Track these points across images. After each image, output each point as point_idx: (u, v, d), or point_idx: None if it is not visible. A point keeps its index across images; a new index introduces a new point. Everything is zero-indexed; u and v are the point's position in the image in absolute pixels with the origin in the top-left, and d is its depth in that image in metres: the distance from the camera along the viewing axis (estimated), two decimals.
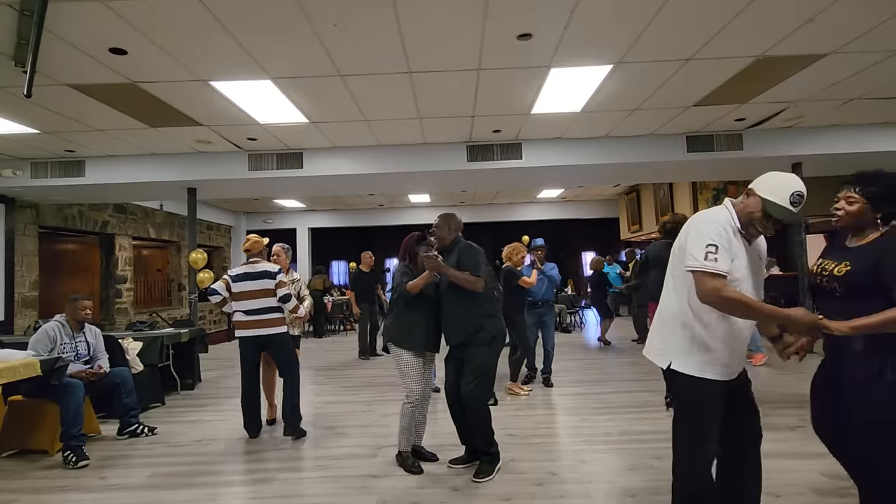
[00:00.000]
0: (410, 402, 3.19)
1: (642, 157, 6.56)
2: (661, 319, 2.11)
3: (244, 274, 4.01)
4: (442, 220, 3.35)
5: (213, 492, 3.06)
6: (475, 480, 3.02)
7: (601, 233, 14.87)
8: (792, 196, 1.88)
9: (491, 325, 3.16)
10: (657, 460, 3.22)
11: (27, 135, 5.58)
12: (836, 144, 6.35)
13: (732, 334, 1.95)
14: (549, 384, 5.40)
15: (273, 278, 3.99)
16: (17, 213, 7.41)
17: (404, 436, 3.23)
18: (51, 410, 3.73)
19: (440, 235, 3.31)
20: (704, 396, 1.94)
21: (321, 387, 5.79)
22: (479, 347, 3.12)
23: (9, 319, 7.16)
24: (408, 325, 3.20)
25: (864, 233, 1.96)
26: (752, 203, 1.95)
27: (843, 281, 1.90)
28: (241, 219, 13.52)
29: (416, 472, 3.15)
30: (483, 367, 3.12)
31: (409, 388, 3.19)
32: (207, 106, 4.96)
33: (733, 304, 1.83)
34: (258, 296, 3.95)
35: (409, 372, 3.19)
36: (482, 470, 3.09)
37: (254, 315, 3.95)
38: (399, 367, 3.23)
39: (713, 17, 3.56)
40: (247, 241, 4.18)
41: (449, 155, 6.62)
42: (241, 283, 3.98)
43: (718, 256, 1.84)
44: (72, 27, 3.40)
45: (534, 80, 4.60)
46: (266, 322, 3.96)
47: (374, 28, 3.57)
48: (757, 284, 2.00)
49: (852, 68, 4.50)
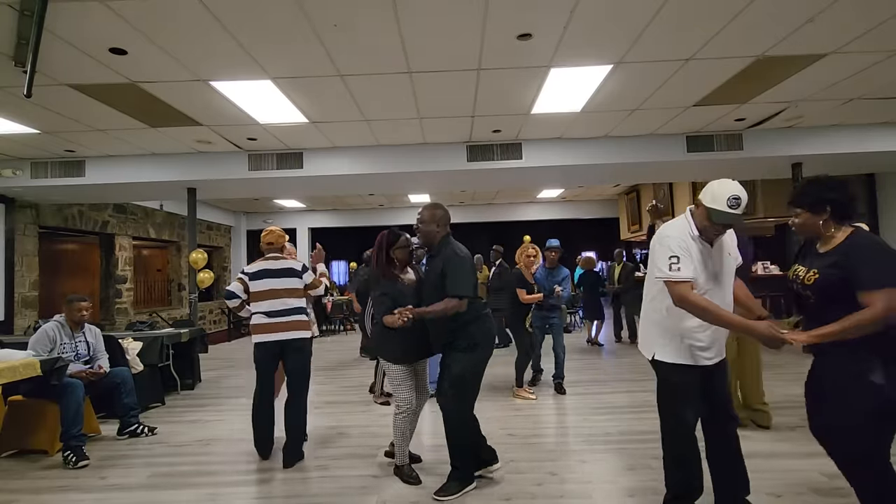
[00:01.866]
0: (402, 412, 3.03)
1: (642, 157, 6.56)
2: (645, 316, 2.45)
3: (263, 271, 3.56)
4: (427, 214, 2.96)
5: (213, 492, 3.06)
6: (434, 497, 2.80)
7: (601, 233, 14.87)
8: (728, 200, 2.11)
9: (472, 329, 2.87)
10: (657, 460, 3.19)
11: (27, 135, 5.58)
12: (836, 144, 6.34)
13: (703, 326, 2.21)
14: (561, 391, 5.09)
15: (300, 277, 3.60)
16: (17, 213, 7.41)
17: (401, 449, 3.08)
18: (51, 410, 3.74)
19: (426, 232, 2.97)
20: (679, 380, 2.28)
21: (321, 387, 5.79)
22: (456, 354, 2.87)
23: (9, 319, 7.16)
24: (392, 338, 2.97)
25: (829, 236, 2.02)
26: (700, 212, 2.23)
27: (815, 289, 1.98)
28: (241, 219, 13.52)
29: (414, 482, 3.01)
30: (460, 376, 2.83)
31: (399, 398, 3.04)
32: (207, 106, 4.96)
33: (696, 310, 2.13)
34: (282, 295, 3.52)
35: (398, 383, 3.04)
36: (446, 487, 2.83)
37: (277, 317, 3.49)
38: (389, 378, 3.09)
39: (713, 17, 3.56)
40: (270, 234, 3.70)
41: (449, 155, 6.62)
42: (260, 282, 3.53)
43: (681, 266, 2.15)
44: (72, 27, 3.40)
45: (534, 80, 4.60)
46: (291, 325, 3.50)
47: (374, 28, 3.57)
48: (724, 280, 2.26)
49: (852, 68, 4.50)
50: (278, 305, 3.50)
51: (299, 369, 3.57)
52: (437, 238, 2.97)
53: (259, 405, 3.56)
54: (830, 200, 1.99)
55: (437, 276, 2.86)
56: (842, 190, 2.02)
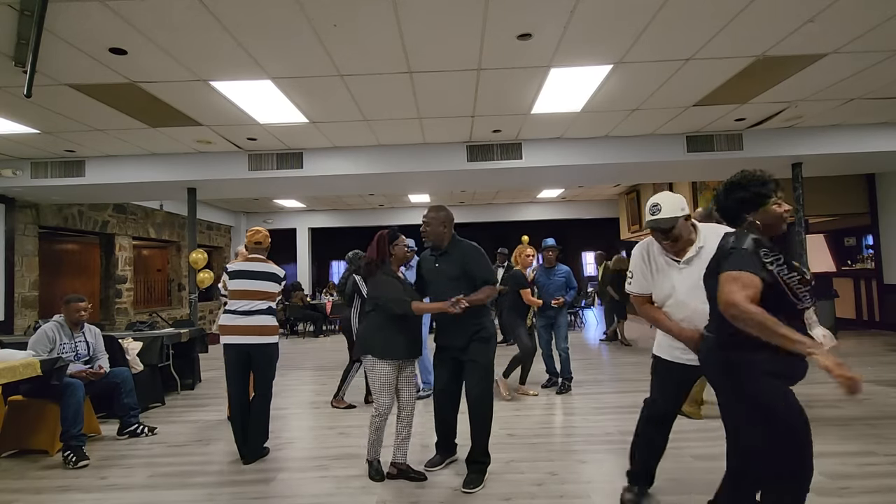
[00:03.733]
0: (379, 414, 3.04)
1: (642, 157, 6.56)
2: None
3: (242, 271, 3.57)
4: (434, 215, 3.09)
5: (213, 492, 3.05)
6: (466, 490, 2.89)
7: (601, 233, 14.89)
8: (649, 208, 2.33)
9: (489, 322, 3.08)
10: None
11: (27, 135, 5.58)
12: (836, 144, 6.34)
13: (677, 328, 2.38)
14: (567, 390, 5.09)
15: (280, 283, 3.63)
16: (17, 213, 7.41)
17: (373, 446, 3.11)
18: (51, 410, 3.74)
19: (435, 233, 3.08)
20: (655, 369, 2.57)
21: (321, 387, 5.79)
22: (480, 345, 3.02)
23: (9, 319, 7.17)
24: (388, 335, 3.00)
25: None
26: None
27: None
28: (241, 219, 13.52)
29: (377, 479, 3.05)
30: (488, 366, 3.05)
31: (378, 401, 3.03)
32: (207, 106, 4.96)
33: (646, 317, 2.49)
34: (252, 297, 3.52)
35: (381, 384, 3.02)
36: (473, 480, 2.95)
37: (243, 318, 3.47)
38: (372, 379, 3.04)
39: (713, 17, 3.56)
40: (257, 233, 3.68)
41: (449, 155, 6.62)
42: (237, 281, 3.55)
43: (632, 281, 2.52)
44: (72, 27, 3.40)
45: (534, 80, 4.60)
46: (257, 329, 3.47)
47: (374, 28, 3.57)
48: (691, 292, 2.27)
49: (852, 68, 4.50)
50: (246, 306, 3.49)
51: (267, 374, 3.57)
52: (445, 238, 3.11)
53: (234, 405, 3.55)
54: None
55: (457, 271, 3.04)
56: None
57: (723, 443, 2.14)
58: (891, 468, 3.03)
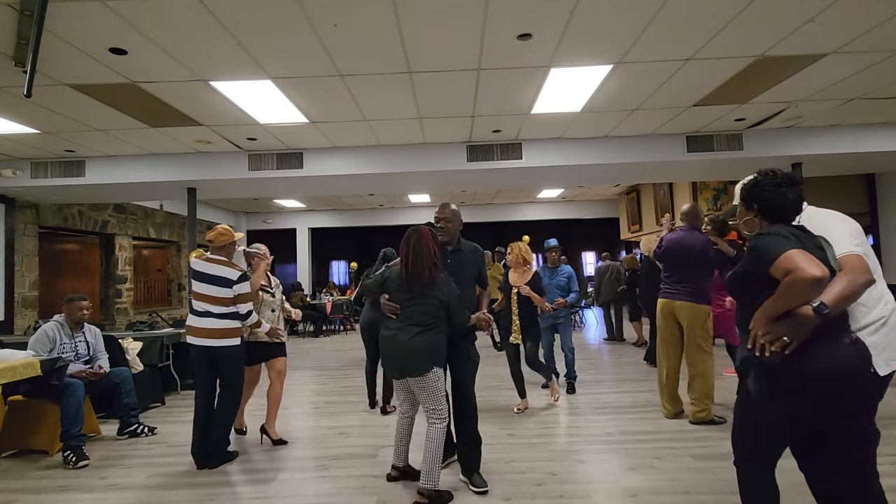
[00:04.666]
0: (444, 420, 2.84)
1: (642, 157, 6.56)
2: None
3: (195, 272, 3.47)
4: (451, 213, 3.14)
5: (213, 492, 3.05)
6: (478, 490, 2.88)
7: (601, 233, 14.90)
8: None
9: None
10: (657, 460, 3.22)
11: (27, 135, 5.58)
12: (836, 144, 6.34)
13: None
14: (572, 390, 5.06)
15: (230, 287, 3.41)
16: (17, 213, 7.41)
17: (436, 468, 2.73)
18: (51, 410, 3.74)
19: (454, 229, 3.14)
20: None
21: (321, 387, 5.79)
22: (469, 345, 3.08)
23: (9, 319, 7.17)
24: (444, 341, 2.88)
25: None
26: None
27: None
28: (241, 219, 13.52)
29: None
30: (477, 363, 3.09)
31: (443, 408, 2.83)
32: (207, 106, 4.96)
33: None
34: (205, 300, 3.42)
35: (442, 393, 2.84)
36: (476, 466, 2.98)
37: (201, 319, 3.40)
38: (431, 390, 2.79)
39: (713, 17, 3.56)
40: (212, 231, 3.57)
41: (449, 155, 6.62)
42: (193, 282, 3.47)
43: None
44: (72, 27, 3.39)
45: (534, 80, 4.60)
46: (214, 332, 3.39)
47: (374, 28, 3.56)
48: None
49: (852, 68, 4.50)
50: (206, 308, 3.42)
51: (231, 373, 3.51)
52: (457, 235, 3.21)
53: (195, 409, 3.50)
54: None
55: (475, 270, 3.19)
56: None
57: (723, 443, 2.14)
58: (891, 468, 3.03)
